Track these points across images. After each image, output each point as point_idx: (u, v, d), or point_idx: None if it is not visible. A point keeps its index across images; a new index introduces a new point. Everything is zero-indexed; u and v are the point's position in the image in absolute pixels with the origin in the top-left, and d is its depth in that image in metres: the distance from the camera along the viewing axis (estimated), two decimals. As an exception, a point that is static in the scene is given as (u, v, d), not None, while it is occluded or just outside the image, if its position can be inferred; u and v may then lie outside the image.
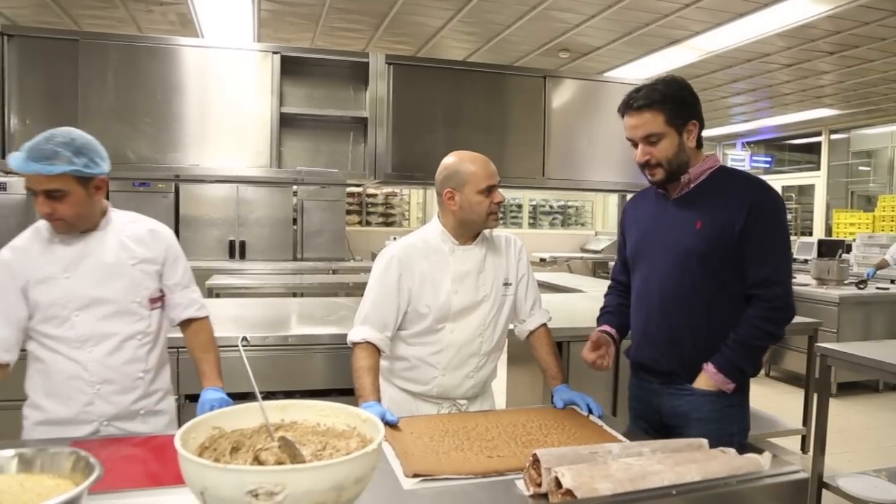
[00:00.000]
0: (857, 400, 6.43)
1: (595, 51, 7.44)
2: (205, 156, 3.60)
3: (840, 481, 3.20)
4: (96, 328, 2.10)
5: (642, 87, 2.14)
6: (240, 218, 8.14)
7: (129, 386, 2.17)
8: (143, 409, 2.22)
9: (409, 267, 2.33)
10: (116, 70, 3.51)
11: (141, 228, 2.25)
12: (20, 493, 1.29)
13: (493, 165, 2.33)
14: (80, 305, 2.08)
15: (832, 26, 6.34)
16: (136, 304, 2.18)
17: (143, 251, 2.21)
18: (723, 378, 2.10)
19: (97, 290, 2.10)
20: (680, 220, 2.18)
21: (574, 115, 4.30)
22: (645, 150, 2.13)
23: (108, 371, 2.12)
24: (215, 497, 1.18)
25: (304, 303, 4.76)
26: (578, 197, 13.35)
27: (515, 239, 2.53)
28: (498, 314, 2.42)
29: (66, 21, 6.62)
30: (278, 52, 3.75)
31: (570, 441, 1.92)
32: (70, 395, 2.10)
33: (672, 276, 2.17)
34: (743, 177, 2.21)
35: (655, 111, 2.09)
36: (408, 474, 1.66)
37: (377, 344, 2.29)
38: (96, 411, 2.12)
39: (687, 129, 2.12)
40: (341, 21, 6.64)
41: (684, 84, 2.16)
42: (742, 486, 1.52)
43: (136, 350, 2.18)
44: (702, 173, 2.17)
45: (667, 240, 2.20)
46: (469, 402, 2.43)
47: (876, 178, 12.13)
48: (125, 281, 2.15)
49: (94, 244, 2.13)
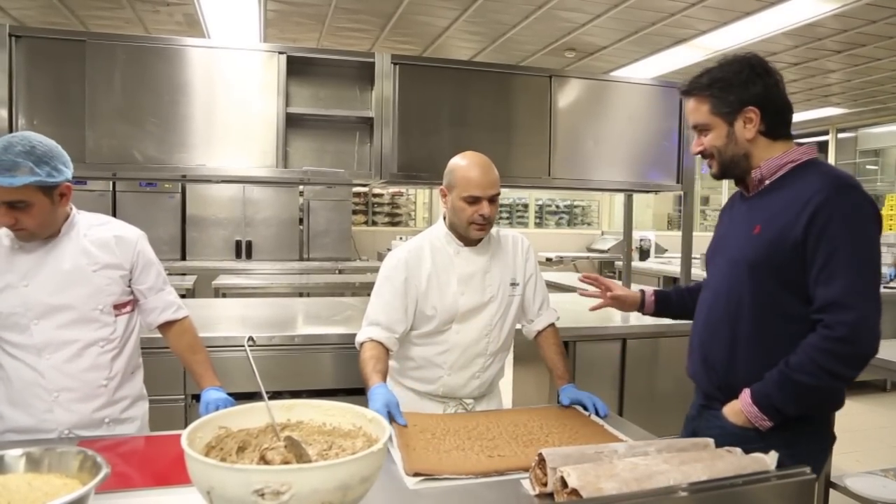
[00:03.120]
0: (864, 399, 6.41)
1: (601, 50, 7.43)
2: (211, 156, 3.60)
3: (848, 481, 3.19)
4: (55, 336, 2.05)
5: (706, 69, 1.92)
6: (246, 218, 8.16)
7: (90, 394, 2.11)
8: (108, 418, 2.16)
9: (416, 269, 2.33)
10: (123, 71, 3.52)
11: (106, 233, 2.17)
12: (28, 492, 1.30)
13: (492, 176, 2.26)
14: (38, 314, 2.03)
15: (839, 25, 6.32)
16: (99, 311, 2.11)
17: (107, 256, 2.13)
18: (757, 412, 1.77)
19: (55, 297, 2.04)
20: (743, 223, 1.91)
21: (580, 114, 4.29)
22: (697, 141, 1.94)
23: (66, 379, 2.06)
24: (222, 496, 1.18)
25: (311, 303, 4.77)
26: (585, 196, 13.31)
27: (523, 238, 2.52)
28: (505, 314, 2.41)
29: (73, 22, 6.65)
30: (284, 53, 3.75)
31: (571, 441, 1.92)
32: (29, 402, 2.06)
33: (722, 287, 1.93)
34: (823, 171, 1.80)
35: (700, 99, 1.89)
36: (408, 473, 1.66)
37: (384, 342, 2.28)
38: (55, 419, 2.06)
39: (744, 116, 1.84)
40: (347, 21, 6.65)
41: (747, 62, 1.86)
42: (748, 486, 1.51)
43: (97, 357, 2.11)
44: (779, 168, 1.85)
45: (727, 245, 1.97)
46: (476, 402, 2.43)
47: (883, 177, 12.09)
48: (86, 288, 2.09)
49: (54, 251, 2.07)
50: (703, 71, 1.92)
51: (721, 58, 1.93)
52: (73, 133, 3.47)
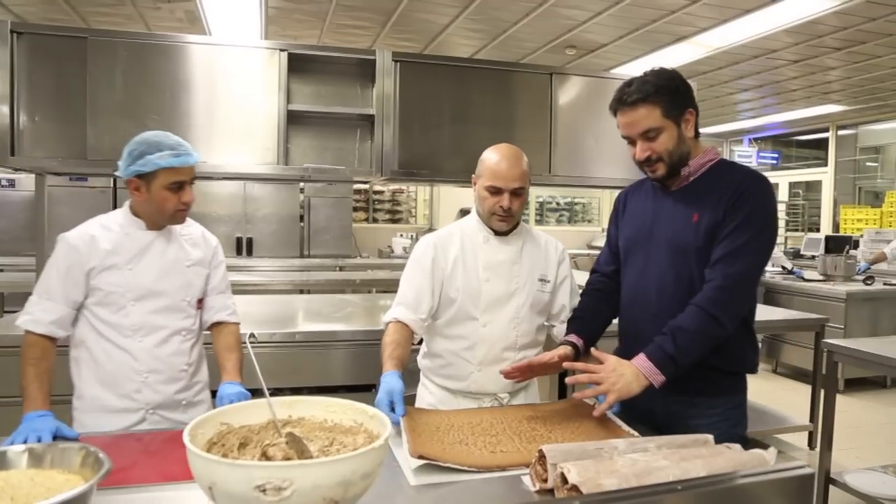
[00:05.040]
0: (864, 396, 6.42)
1: (602, 47, 7.43)
2: (212, 153, 3.61)
3: (847, 477, 3.20)
4: (148, 319, 2.22)
5: (632, 80, 2.03)
6: (247, 215, 8.16)
7: (173, 377, 2.28)
8: (185, 400, 2.32)
9: (444, 251, 2.37)
10: (125, 67, 3.52)
11: (196, 231, 2.41)
12: (31, 487, 1.31)
13: (517, 170, 2.27)
14: (136, 296, 2.20)
15: (839, 22, 6.32)
16: (186, 302, 2.31)
17: (197, 253, 2.36)
18: (651, 367, 1.89)
19: (155, 283, 2.23)
20: (678, 213, 2.08)
21: (580, 111, 4.30)
22: (644, 147, 2.03)
23: (155, 361, 2.23)
24: (224, 492, 1.19)
25: (311, 299, 4.78)
26: (585, 193, 13.32)
27: (558, 243, 2.52)
28: (532, 308, 2.39)
29: (74, 18, 6.65)
30: (286, 50, 3.75)
31: (573, 437, 1.92)
32: (120, 382, 2.21)
33: (670, 271, 2.07)
34: (740, 170, 2.09)
35: (651, 104, 1.99)
36: (413, 454, 1.67)
37: (409, 323, 2.29)
38: (143, 399, 2.22)
39: (684, 118, 2.03)
40: (348, 18, 6.65)
41: (675, 73, 2.05)
42: (747, 482, 1.52)
43: (180, 344, 2.29)
44: (702, 166, 2.08)
45: (664, 233, 2.10)
46: (511, 397, 2.41)
47: (883, 174, 12.08)
48: (180, 279, 2.29)
49: (159, 241, 2.27)
50: (633, 83, 2.02)
51: (640, 75, 2.05)
52: (74, 129, 3.48)
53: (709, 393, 2.08)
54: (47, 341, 2.12)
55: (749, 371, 2.16)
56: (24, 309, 2.16)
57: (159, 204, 2.18)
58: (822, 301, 6.53)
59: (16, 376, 2.07)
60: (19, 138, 3.44)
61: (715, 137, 13.70)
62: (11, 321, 3.37)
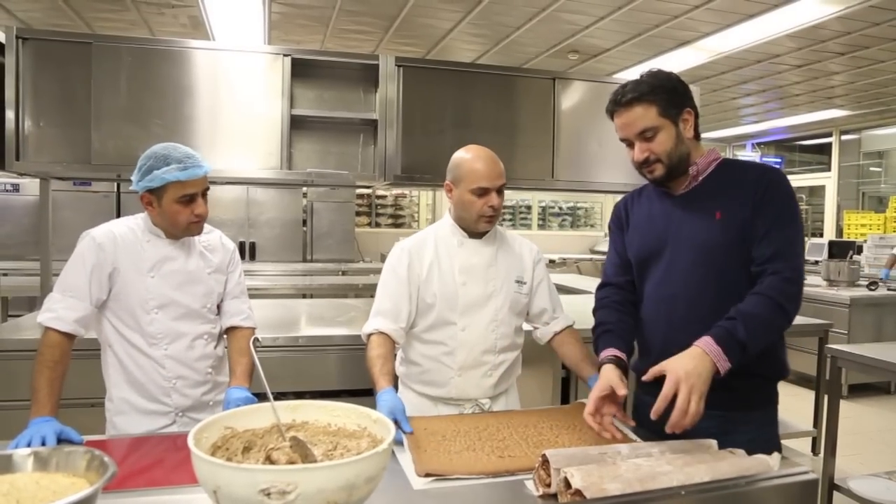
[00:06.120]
0: (868, 401, 6.40)
1: (604, 52, 7.43)
2: (215, 158, 3.61)
3: (851, 483, 3.19)
4: (170, 327, 2.24)
5: (627, 83, 2.00)
6: (250, 219, 8.17)
7: (200, 381, 2.32)
8: (212, 401, 2.36)
9: (419, 257, 2.35)
10: (129, 72, 3.54)
11: (214, 237, 2.42)
12: (36, 491, 1.31)
13: (499, 167, 2.28)
14: (158, 304, 2.22)
15: (842, 27, 6.32)
16: (206, 308, 2.33)
17: (216, 259, 2.38)
18: (719, 351, 1.72)
19: (176, 292, 2.25)
20: (697, 213, 1.99)
21: (583, 116, 4.30)
22: (642, 148, 1.97)
23: (182, 367, 2.27)
24: (228, 496, 1.19)
25: (314, 304, 4.79)
26: (588, 198, 13.31)
27: (532, 245, 2.51)
28: (511, 310, 2.39)
29: (78, 24, 6.67)
30: (289, 55, 3.77)
31: (580, 441, 1.92)
32: (148, 388, 2.23)
33: (696, 273, 1.97)
34: (753, 165, 2.04)
35: (647, 104, 1.94)
36: (420, 473, 1.66)
37: (390, 334, 2.28)
38: (173, 403, 2.26)
39: (682, 118, 1.98)
40: (351, 23, 6.66)
41: (672, 74, 2.01)
42: (751, 487, 1.52)
43: (204, 348, 2.33)
44: (709, 164, 2.02)
45: (686, 235, 2.00)
46: (492, 402, 2.39)
47: (887, 179, 12.05)
48: (201, 287, 2.31)
49: (180, 250, 2.29)
50: (628, 84, 1.99)
51: (637, 77, 2.02)
52: (78, 134, 3.50)
53: (745, 406, 1.98)
54: (67, 342, 2.09)
55: (784, 377, 2.10)
56: (44, 306, 2.13)
57: (172, 217, 2.19)
58: (825, 306, 6.52)
59: (18, 380, 2.07)
60: (24, 143, 3.45)
61: (718, 142, 13.69)
62: (15, 325, 3.39)
